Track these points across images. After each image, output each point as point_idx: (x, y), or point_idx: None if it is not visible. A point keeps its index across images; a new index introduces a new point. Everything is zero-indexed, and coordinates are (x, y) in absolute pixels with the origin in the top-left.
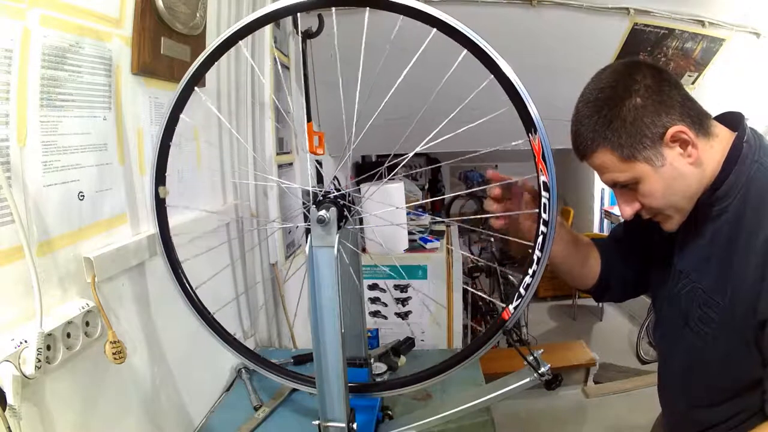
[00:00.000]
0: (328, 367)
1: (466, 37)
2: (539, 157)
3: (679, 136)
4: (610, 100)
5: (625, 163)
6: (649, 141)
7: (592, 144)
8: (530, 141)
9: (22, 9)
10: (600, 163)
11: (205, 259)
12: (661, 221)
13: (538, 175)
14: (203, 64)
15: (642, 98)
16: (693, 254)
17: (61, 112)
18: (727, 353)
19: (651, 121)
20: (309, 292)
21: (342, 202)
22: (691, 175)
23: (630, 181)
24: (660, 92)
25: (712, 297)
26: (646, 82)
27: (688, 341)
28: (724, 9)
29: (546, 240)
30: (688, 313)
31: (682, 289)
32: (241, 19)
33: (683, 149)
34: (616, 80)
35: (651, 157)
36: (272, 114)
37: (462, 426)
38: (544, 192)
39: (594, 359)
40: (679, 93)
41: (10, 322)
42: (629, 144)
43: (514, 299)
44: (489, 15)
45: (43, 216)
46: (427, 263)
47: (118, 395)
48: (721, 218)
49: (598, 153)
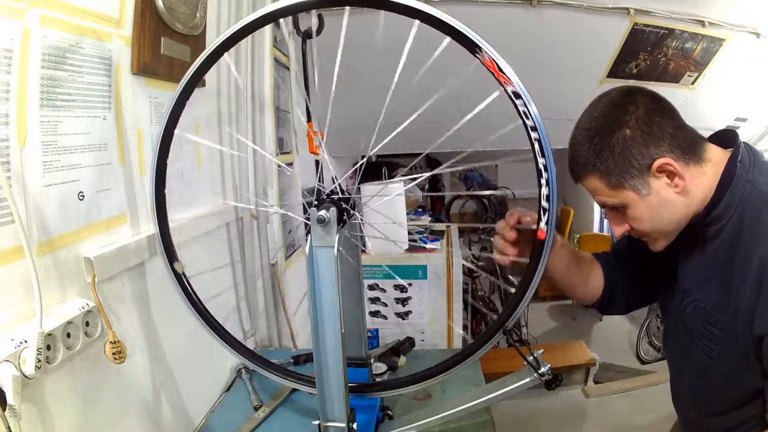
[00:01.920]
0: (328, 367)
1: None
2: (496, 71)
3: (665, 168)
4: (601, 129)
5: (613, 190)
6: (636, 171)
7: (583, 170)
8: (481, 61)
9: (22, 9)
10: (591, 188)
11: (205, 259)
12: (648, 242)
13: (503, 87)
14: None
15: (631, 130)
16: (695, 273)
17: (61, 112)
18: (732, 367)
19: (638, 152)
20: (309, 292)
21: (343, 205)
22: (677, 203)
23: (618, 205)
24: (650, 123)
25: (715, 315)
26: (638, 113)
27: (695, 356)
28: (724, 9)
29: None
30: (694, 330)
31: (687, 307)
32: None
33: (670, 179)
34: (610, 110)
35: (638, 186)
36: (272, 114)
37: (462, 426)
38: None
39: (594, 359)
40: (672, 123)
41: (10, 322)
42: (617, 173)
43: (541, 215)
44: (489, 15)
45: (43, 216)
46: (427, 263)
47: (118, 395)
48: (719, 238)
49: (588, 179)
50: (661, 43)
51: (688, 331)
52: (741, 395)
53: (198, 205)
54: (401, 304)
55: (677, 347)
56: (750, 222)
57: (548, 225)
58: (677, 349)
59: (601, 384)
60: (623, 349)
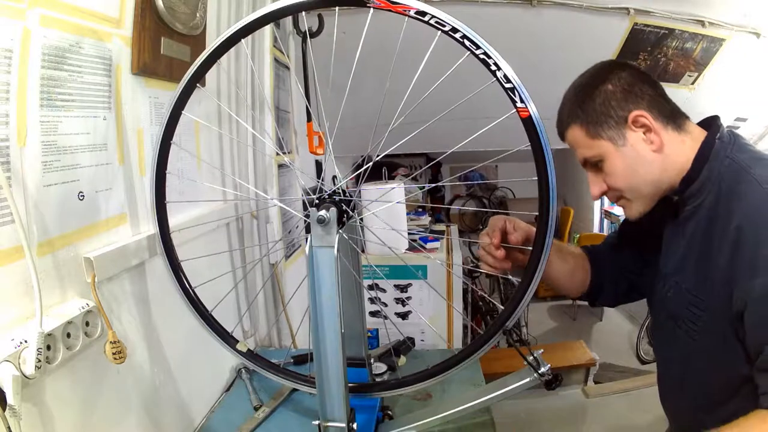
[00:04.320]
0: (328, 367)
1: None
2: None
3: (640, 121)
4: (587, 85)
5: (592, 140)
6: (613, 122)
7: (566, 120)
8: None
9: (22, 9)
10: (572, 140)
11: (205, 259)
12: (624, 206)
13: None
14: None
15: (613, 85)
16: (675, 255)
17: (61, 112)
18: (715, 349)
19: (617, 105)
20: (309, 292)
21: (343, 206)
22: (653, 161)
23: (595, 157)
24: (632, 84)
25: (696, 295)
26: (622, 75)
27: (681, 343)
28: (724, 9)
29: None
30: (678, 315)
31: (669, 291)
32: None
33: (646, 135)
34: (597, 71)
35: (614, 137)
36: (272, 114)
37: (462, 426)
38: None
39: (594, 359)
40: (654, 90)
41: (10, 322)
42: (595, 122)
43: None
44: (489, 15)
45: (43, 216)
46: (427, 263)
47: (118, 395)
48: (697, 215)
49: (570, 130)
50: (661, 43)
51: (673, 318)
52: (727, 384)
53: (198, 205)
54: (401, 304)
55: (664, 338)
56: (727, 194)
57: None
58: (664, 341)
59: (601, 384)
60: (623, 349)
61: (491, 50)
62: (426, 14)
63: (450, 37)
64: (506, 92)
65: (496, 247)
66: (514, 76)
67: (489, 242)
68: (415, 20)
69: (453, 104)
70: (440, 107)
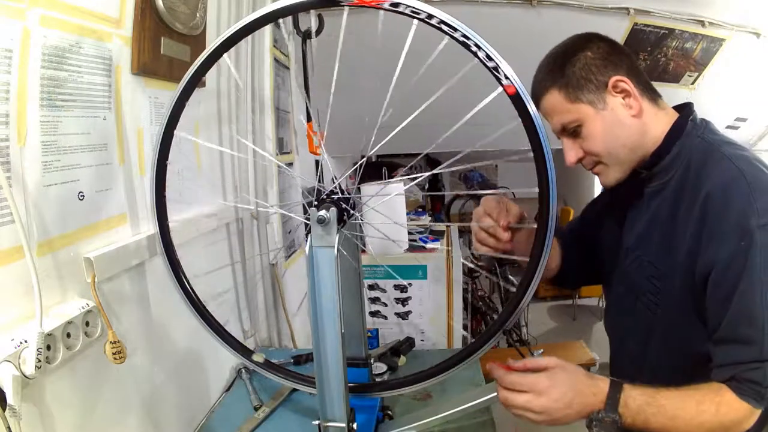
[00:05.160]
0: (329, 367)
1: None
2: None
3: (620, 86)
4: (565, 53)
5: (570, 104)
6: (593, 86)
7: (543, 86)
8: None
9: (22, 9)
10: (549, 106)
11: (205, 259)
12: (600, 173)
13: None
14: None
15: (593, 53)
16: (637, 229)
17: (61, 112)
18: (673, 322)
19: (598, 71)
20: (309, 292)
21: (343, 205)
22: (632, 126)
23: (574, 122)
24: (611, 53)
25: (658, 267)
26: (600, 44)
27: (640, 317)
28: (724, 9)
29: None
30: (639, 288)
31: (630, 266)
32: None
33: (625, 100)
34: (574, 41)
35: (594, 101)
36: (272, 114)
37: (462, 426)
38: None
39: (594, 359)
40: (631, 61)
41: (10, 322)
42: (575, 85)
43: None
44: (489, 15)
45: (43, 216)
46: (427, 263)
47: (118, 395)
48: (662, 193)
49: (547, 95)
50: (661, 43)
51: (633, 291)
52: (682, 364)
53: (198, 205)
54: (401, 304)
55: (622, 314)
56: (696, 169)
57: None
58: (622, 317)
59: None
60: None
61: (469, 31)
62: (400, 5)
63: (428, 25)
64: (490, 71)
65: (504, 228)
66: (495, 54)
67: (492, 223)
68: (393, 13)
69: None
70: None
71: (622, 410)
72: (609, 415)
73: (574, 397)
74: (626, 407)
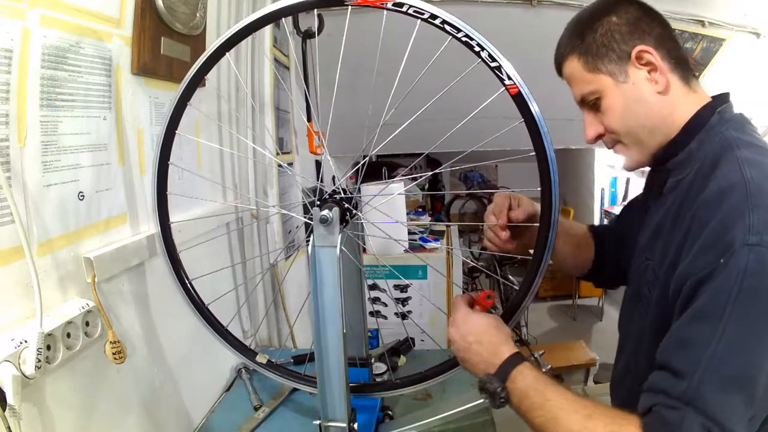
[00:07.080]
0: (330, 367)
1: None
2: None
3: (645, 57)
4: (590, 16)
5: (589, 74)
6: (615, 56)
7: (563, 52)
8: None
9: (22, 9)
10: (569, 73)
11: (205, 259)
12: (620, 152)
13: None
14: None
15: (618, 17)
16: (651, 227)
17: (61, 112)
18: (654, 335)
19: (621, 38)
20: (311, 292)
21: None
22: (654, 104)
23: (592, 94)
24: (639, 19)
25: (656, 273)
26: (630, 8)
27: (636, 325)
28: (724, 9)
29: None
30: (638, 293)
31: (638, 267)
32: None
33: (650, 74)
34: (605, 2)
35: (615, 72)
36: (272, 114)
37: (462, 426)
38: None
39: (594, 359)
40: (664, 30)
41: (10, 322)
42: (595, 53)
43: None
44: (489, 15)
45: (43, 216)
46: (427, 263)
47: (118, 395)
48: (677, 189)
49: (567, 62)
50: None
51: (636, 295)
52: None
53: (198, 205)
54: (401, 304)
55: (624, 316)
56: (706, 170)
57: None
58: (624, 319)
59: (601, 384)
60: None
61: (473, 32)
62: (404, 5)
63: (431, 25)
64: (493, 71)
65: (501, 227)
66: (498, 54)
67: (495, 222)
68: (397, 14)
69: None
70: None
71: (509, 385)
72: (493, 384)
73: (473, 343)
74: (513, 383)
